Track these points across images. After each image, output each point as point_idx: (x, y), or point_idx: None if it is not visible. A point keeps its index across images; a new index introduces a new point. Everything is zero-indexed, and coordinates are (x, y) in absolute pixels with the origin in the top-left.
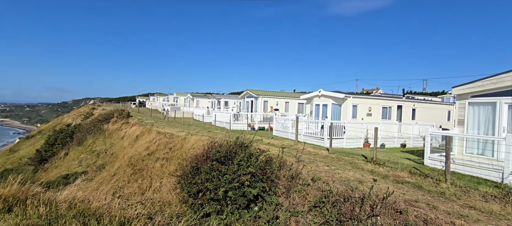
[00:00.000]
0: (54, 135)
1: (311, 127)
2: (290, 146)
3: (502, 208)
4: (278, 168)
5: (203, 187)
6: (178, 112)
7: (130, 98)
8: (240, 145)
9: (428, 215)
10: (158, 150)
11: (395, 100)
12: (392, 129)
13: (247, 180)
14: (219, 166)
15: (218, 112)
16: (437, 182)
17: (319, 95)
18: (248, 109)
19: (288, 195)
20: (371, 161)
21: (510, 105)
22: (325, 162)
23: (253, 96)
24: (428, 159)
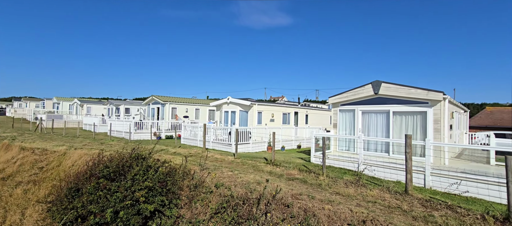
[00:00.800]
0: None
1: (220, 134)
2: (197, 154)
3: (355, 191)
4: (181, 179)
5: (85, 212)
6: (59, 121)
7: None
8: (136, 157)
9: (307, 205)
10: (20, 172)
11: (293, 107)
12: (291, 133)
13: (142, 195)
14: (107, 184)
15: (116, 121)
16: (317, 176)
17: (227, 102)
18: (154, 117)
19: (190, 205)
20: (270, 163)
21: (363, 111)
22: (230, 168)
23: (159, 103)
24: (313, 157)
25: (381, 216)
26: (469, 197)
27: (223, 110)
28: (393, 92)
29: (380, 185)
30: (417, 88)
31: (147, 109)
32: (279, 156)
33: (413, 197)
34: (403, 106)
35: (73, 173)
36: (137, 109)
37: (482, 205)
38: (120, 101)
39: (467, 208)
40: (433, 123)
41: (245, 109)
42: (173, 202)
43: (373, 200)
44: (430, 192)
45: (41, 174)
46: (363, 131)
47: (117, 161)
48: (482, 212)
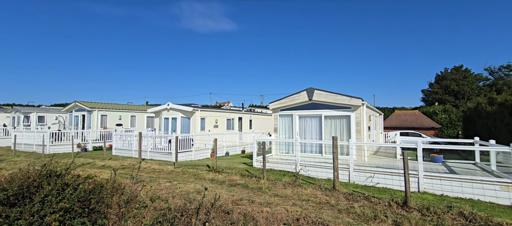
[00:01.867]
0: None
1: (159, 142)
2: (132, 166)
3: (292, 191)
4: (109, 195)
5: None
6: None
7: None
8: (48, 174)
9: (247, 209)
10: None
11: (237, 112)
12: (235, 138)
13: (56, 219)
14: (5, 210)
15: (24, 131)
16: (258, 180)
17: (167, 109)
18: (78, 126)
19: (120, 224)
20: (213, 170)
21: (300, 116)
22: (168, 178)
23: (85, 109)
24: (255, 162)
25: (313, 212)
26: (381, 188)
27: (163, 117)
28: (324, 98)
29: (314, 184)
30: (342, 95)
31: (69, 117)
32: (223, 162)
33: (339, 192)
34: (332, 111)
35: None
36: (55, 117)
37: (390, 193)
38: (32, 108)
39: (379, 197)
40: (355, 125)
41: (187, 115)
42: (97, 222)
43: (307, 199)
44: (353, 186)
45: None
46: (300, 135)
47: (21, 181)
48: (389, 200)
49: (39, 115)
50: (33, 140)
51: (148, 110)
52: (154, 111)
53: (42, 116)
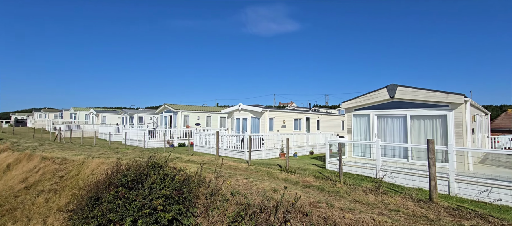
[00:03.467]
0: None
1: (232, 141)
2: (211, 161)
3: (375, 198)
4: (196, 187)
5: (105, 220)
6: (76, 131)
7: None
8: (153, 165)
9: (327, 213)
10: (42, 181)
11: (304, 113)
12: (303, 139)
13: (160, 204)
14: (126, 192)
15: (130, 129)
16: (334, 183)
17: (239, 109)
18: (166, 125)
19: (207, 213)
20: (285, 169)
21: (378, 116)
22: (244, 175)
23: (172, 111)
24: (328, 164)
25: (407, 225)
26: (502, 206)
27: (234, 117)
28: (410, 96)
29: (402, 193)
30: (436, 91)
31: (160, 118)
32: (293, 162)
33: (439, 206)
34: (421, 110)
35: (91, 182)
36: (150, 117)
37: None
38: (134, 110)
39: (501, 218)
40: (454, 127)
41: (257, 115)
42: (189, 210)
43: (396, 209)
44: (456, 199)
45: (61, 183)
46: (379, 136)
47: (135, 169)
48: None
49: (139, 116)
50: (136, 136)
51: (221, 111)
52: (227, 112)
53: (141, 116)
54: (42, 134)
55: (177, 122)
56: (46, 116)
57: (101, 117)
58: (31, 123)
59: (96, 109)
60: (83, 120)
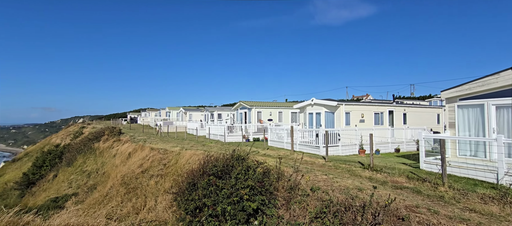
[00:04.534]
0: (42, 157)
1: (306, 136)
2: (286, 156)
3: (501, 210)
4: (276, 180)
5: (201, 204)
6: (171, 126)
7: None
8: (237, 158)
9: (430, 221)
10: (152, 167)
11: (386, 105)
12: (386, 134)
13: (246, 193)
14: (216, 181)
15: (212, 125)
16: (435, 186)
17: (311, 104)
18: (241, 121)
19: (288, 206)
20: (368, 167)
21: (497, 106)
22: (322, 171)
23: (246, 108)
24: (423, 163)
25: None
26: None
27: (307, 112)
28: None
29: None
30: None
31: (236, 114)
32: (376, 160)
33: None
34: None
35: (187, 170)
36: (227, 114)
37: None
38: (213, 108)
39: None
40: None
41: (331, 110)
42: (271, 202)
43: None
44: None
45: (165, 169)
46: (500, 132)
47: (223, 161)
48: None
49: (218, 113)
50: (217, 131)
51: (293, 106)
52: (299, 107)
53: (220, 113)
54: (148, 129)
55: (251, 118)
56: (149, 115)
57: (188, 114)
58: (140, 121)
59: (184, 108)
60: (175, 117)
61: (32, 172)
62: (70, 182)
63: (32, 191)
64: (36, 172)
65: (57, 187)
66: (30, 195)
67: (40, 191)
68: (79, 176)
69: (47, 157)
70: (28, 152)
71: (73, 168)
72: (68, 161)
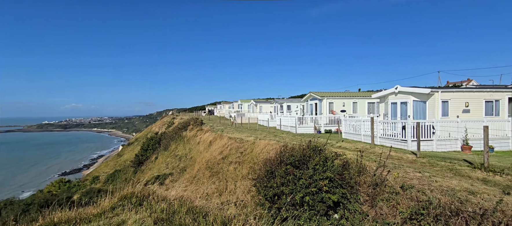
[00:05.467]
0: (147, 142)
1: (388, 129)
2: (365, 149)
3: None
4: (357, 173)
5: (279, 191)
6: (243, 118)
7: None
8: (314, 148)
9: None
10: (230, 154)
11: (505, 91)
12: (503, 128)
13: (325, 185)
14: (293, 170)
15: (283, 116)
16: None
17: (395, 92)
18: (312, 112)
19: (373, 203)
20: (481, 167)
21: None
22: (414, 168)
23: (317, 98)
24: None
25: None
26: None
27: (389, 102)
28: None
29: None
30: None
31: (306, 105)
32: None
33: None
34: None
35: (262, 158)
36: (296, 105)
37: None
38: (282, 100)
39: None
40: None
41: (422, 98)
42: (353, 196)
43: None
44: None
45: (242, 157)
46: None
47: (299, 151)
48: None
49: (287, 104)
50: (287, 122)
51: (371, 95)
52: (379, 96)
53: (289, 105)
54: (223, 120)
55: (322, 109)
56: (223, 107)
57: (259, 106)
58: (216, 112)
59: (255, 100)
60: (246, 109)
61: (140, 154)
62: (167, 164)
63: (141, 169)
64: (143, 154)
65: (158, 167)
66: (140, 172)
67: (147, 170)
68: (173, 159)
69: (150, 142)
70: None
71: (168, 152)
72: (165, 146)
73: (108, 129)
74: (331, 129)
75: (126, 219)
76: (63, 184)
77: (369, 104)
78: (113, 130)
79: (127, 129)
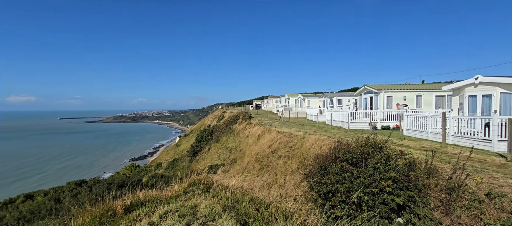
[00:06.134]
0: (200, 134)
1: (464, 126)
2: (435, 149)
3: None
4: (425, 175)
5: (333, 188)
6: (291, 112)
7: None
8: (373, 145)
9: None
10: (279, 148)
11: None
12: None
13: (388, 186)
14: (350, 168)
15: (333, 111)
16: None
17: (475, 83)
18: (367, 107)
19: (448, 210)
20: None
21: None
22: (504, 173)
23: (372, 92)
24: None
25: None
26: None
27: (466, 95)
28: None
29: None
30: None
31: (359, 99)
32: None
33: None
34: None
35: (312, 153)
36: (348, 100)
37: None
38: (332, 94)
39: None
40: None
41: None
42: (422, 200)
43: None
44: None
45: (291, 151)
46: None
47: (357, 148)
48: None
49: (338, 98)
50: (338, 117)
51: (442, 88)
52: (452, 88)
53: (340, 99)
54: (271, 114)
55: (378, 103)
56: (270, 102)
57: (307, 101)
58: (263, 107)
59: (302, 95)
60: (293, 104)
61: (195, 144)
62: (218, 155)
63: (196, 158)
64: (198, 145)
65: (210, 157)
66: (195, 161)
67: (201, 159)
68: (224, 151)
69: (203, 134)
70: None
71: (220, 144)
72: (216, 138)
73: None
74: (389, 125)
75: (197, 203)
76: (134, 168)
77: (437, 98)
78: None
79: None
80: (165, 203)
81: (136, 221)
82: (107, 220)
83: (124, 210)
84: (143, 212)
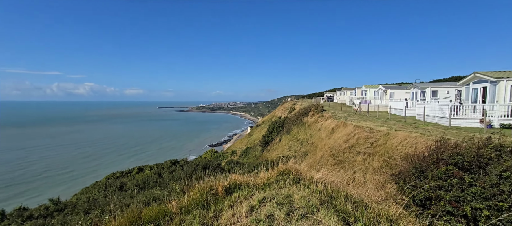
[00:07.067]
0: (272, 125)
1: None
2: None
3: None
4: None
5: (434, 195)
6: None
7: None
8: (498, 148)
9: None
10: (358, 144)
11: None
12: None
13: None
14: (459, 173)
15: (427, 104)
16: None
17: None
18: (476, 99)
19: None
20: None
21: None
22: None
23: (486, 81)
24: None
25: None
26: None
27: None
28: None
29: None
30: None
31: (465, 90)
32: None
33: None
34: None
35: (400, 152)
36: (446, 91)
37: None
38: (424, 84)
39: None
40: None
41: None
42: None
43: None
44: None
45: (372, 148)
46: None
47: (473, 149)
48: None
49: (433, 90)
50: (434, 112)
51: None
52: None
53: (435, 90)
54: (345, 107)
55: (496, 95)
56: (344, 94)
57: (389, 92)
58: (336, 99)
59: (384, 86)
60: (372, 96)
61: (266, 135)
62: (289, 147)
63: (267, 148)
64: (269, 136)
65: (281, 149)
66: (266, 151)
67: (272, 150)
68: (295, 143)
69: (274, 126)
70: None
71: (290, 136)
72: (287, 130)
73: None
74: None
75: (291, 193)
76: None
77: None
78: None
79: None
80: (260, 189)
81: (237, 203)
82: (211, 198)
83: (225, 191)
84: (242, 195)
